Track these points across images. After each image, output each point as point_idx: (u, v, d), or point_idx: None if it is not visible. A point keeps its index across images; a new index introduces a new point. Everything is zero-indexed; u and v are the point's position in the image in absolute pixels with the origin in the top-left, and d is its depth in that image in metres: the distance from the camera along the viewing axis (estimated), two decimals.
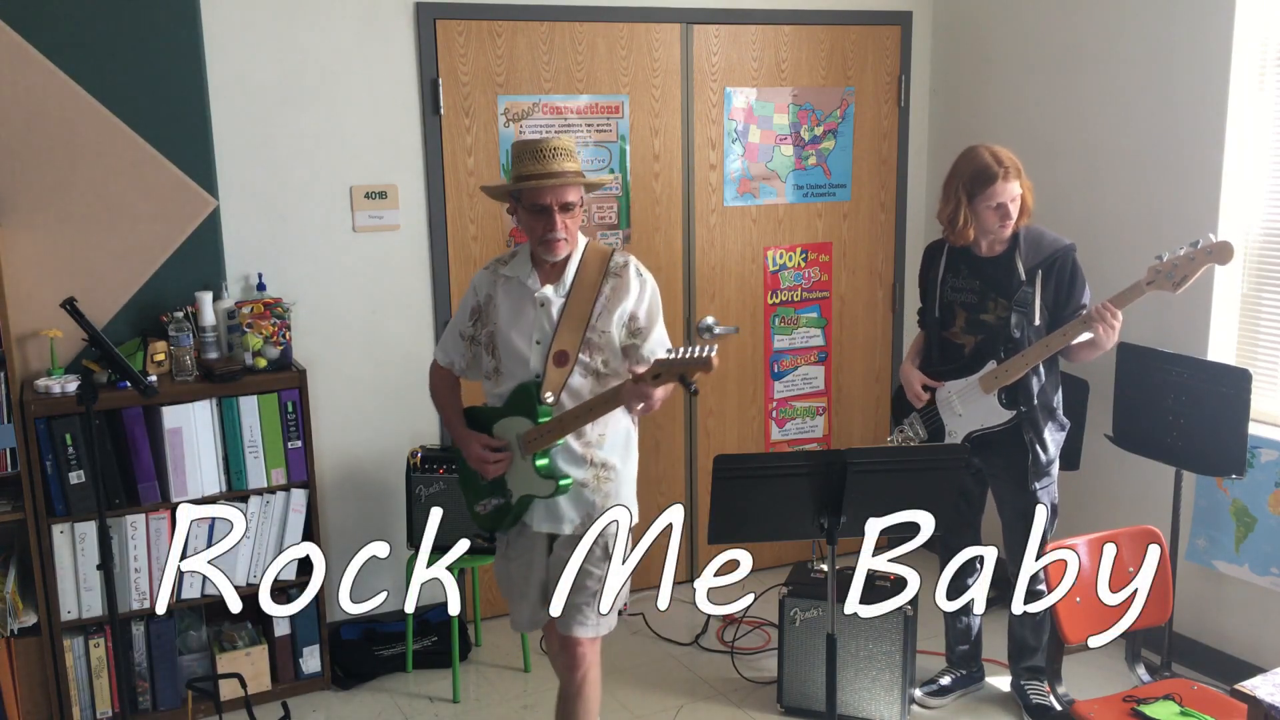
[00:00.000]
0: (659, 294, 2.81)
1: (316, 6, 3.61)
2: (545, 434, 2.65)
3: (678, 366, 2.40)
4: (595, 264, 2.75)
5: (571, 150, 2.68)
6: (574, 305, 2.70)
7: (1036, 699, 3.41)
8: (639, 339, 2.75)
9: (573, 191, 2.66)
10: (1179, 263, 2.91)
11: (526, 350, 2.71)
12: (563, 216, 2.65)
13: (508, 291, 2.78)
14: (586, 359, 2.70)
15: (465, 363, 2.87)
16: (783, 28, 4.26)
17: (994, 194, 3.10)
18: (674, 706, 3.58)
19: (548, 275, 2.75)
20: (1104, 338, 3.04)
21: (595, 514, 2.76)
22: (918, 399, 3.38)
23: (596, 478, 2.76)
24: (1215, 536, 3.57)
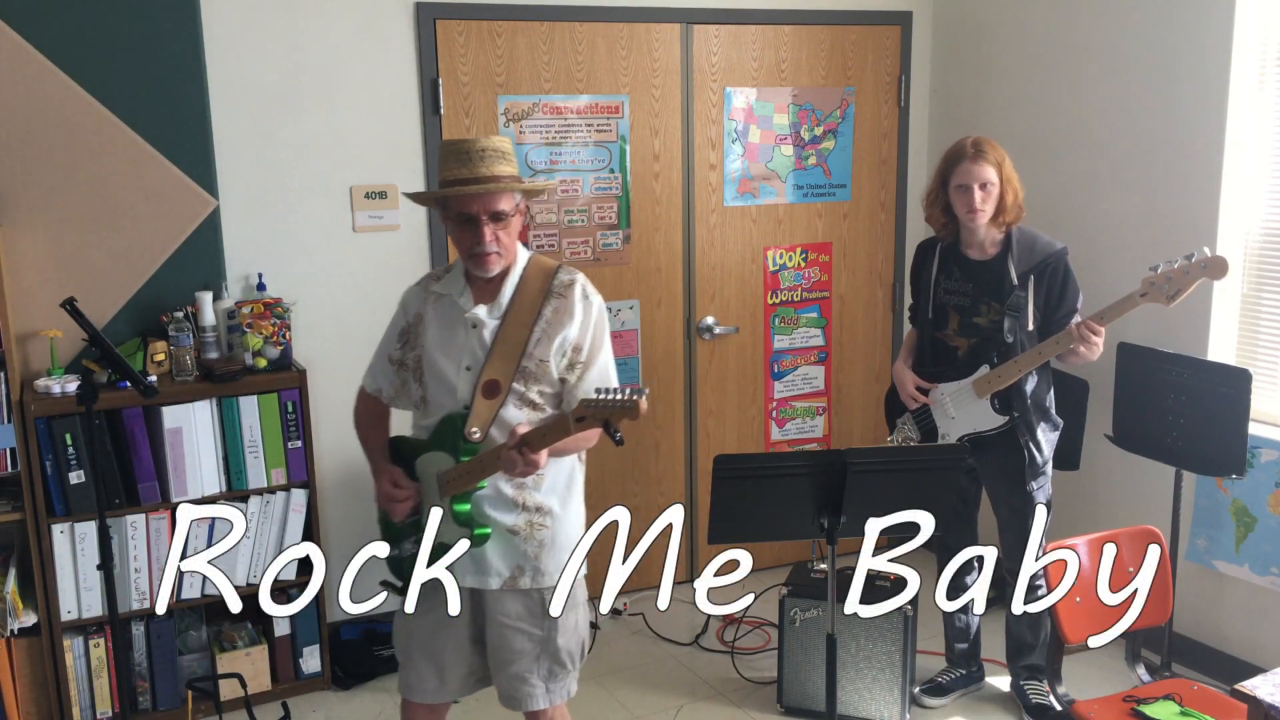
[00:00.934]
0: (607, 319, 2.51)
1: (316, 7, 3.62)
2: (465, 475, 2.33)
3: (603, 409, 2.08)
4: (537, 282, 2.43)
5: (505, 151, 2.38)
6: (510, 328, 2.39)
7: (1036, 699, 3.41)
8: (575, 373, 2.41)
9: (505, 199, 2.35)
10: (1173, 276, 2.90)
11: (455, 377, 2.40)
12: (494, 228, 2.34)
13: (439, 311, 2.47)
14: (521, 389, 2.37)
15: (393, 390, 2.57)
16: (783, 28, 4.26)
17: (960, 173, 3.13)
18: (674, 706, 3.58)
19: (482, 293, 2.44)
20: (1086, 353, 3.06)
21: (527, 566, 2.42)
22: (912, 401, 3.38)
23: (530, 524, 2.42)
24: (1215, 536, 3.57)
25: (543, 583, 2.44)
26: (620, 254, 4.16)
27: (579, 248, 4.09)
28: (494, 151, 2.34)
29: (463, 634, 2.48)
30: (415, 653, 2.52)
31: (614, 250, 4.15)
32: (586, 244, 4.10)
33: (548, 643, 2.46)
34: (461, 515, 2.36)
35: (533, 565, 2.42)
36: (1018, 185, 3.17)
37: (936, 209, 3.25)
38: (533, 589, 2.43)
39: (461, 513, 2.36)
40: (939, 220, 3.27)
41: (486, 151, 2.34)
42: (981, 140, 3.16)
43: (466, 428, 2.33)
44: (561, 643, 2.48)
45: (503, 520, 2.40)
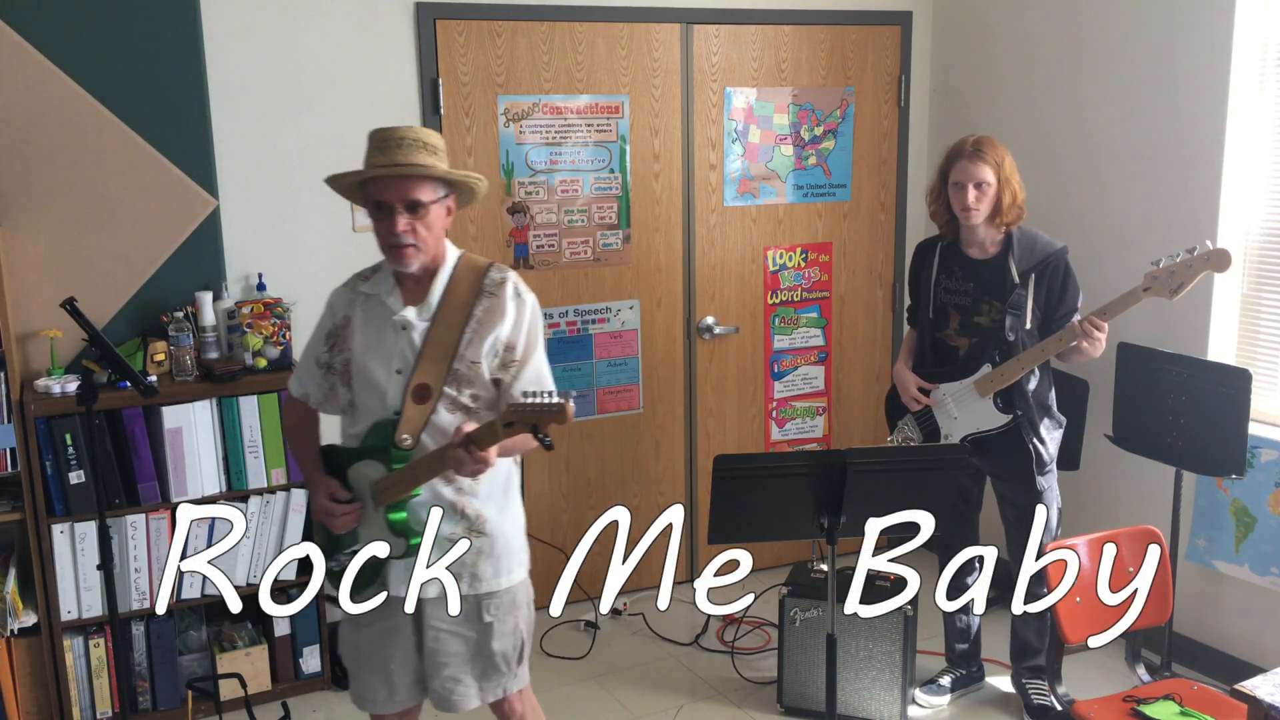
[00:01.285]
0: (541, 318, 2.44)
1: (316, 7, 3.62)
2: (399, 483, 2.28)
3: (530, 414, 2.03)
4: (468, 281, 2.37)
5: (431, 144, 2.30)
6: (440, 330, 2.32)
7: (1038, 699, 3.41)
8: (510, 373, 2.35)
9: (423, 188, 2.27)
10: (1176, 269, 2.90)
11: (384, 382, 2.33)
12: (410, 218, 2.27)
13: (367, 312, 2.40)
14: (453, 393, 2.31)
15: (321, 394, 2.48)
16: (783, 28, 4.26)
17: (957, 170, 3.14)
18: (674, 706, 3.58)
19: (411, 294, 2.37)
20: (1089, 349, 3.05)
21: (464, 573, 2.39)
22: (914, 403, 3.37)
23: (468, 530, 2.39)
24: (1215, 536, 3.57)
25: (479, 589, 2.41)
26: (620, 254, 4.16)
27: (579, 248, 4.09)
28: (416, 140, 2.27)
29: (408, 642, 2.44)
30: (363, 664, 2.49)
31: (614, 250, 4.15)
32: (586, 244, 4.10)
33: (482, 646, 2.43)
34: (397, 524, 2.31)
35: (470, 572, 2.39)
36: (1017, 187, 3.16)
37: (940, 205, 3.26)
38: (469, 594, 2.40)
39: (397, 522, 2.31)
40: (942, 217, 3.28)
41: (407, 140, 2.27)
42: (983, 139, 3.16)
43: (397, 434, 2.28)
44: (496, 646, 2.44)
45: (441, 528, 2.35)
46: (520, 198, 3.98)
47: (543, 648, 3.96)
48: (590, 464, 4.26)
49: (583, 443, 4.23)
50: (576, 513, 4.27)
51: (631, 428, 4.30)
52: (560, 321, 4.12)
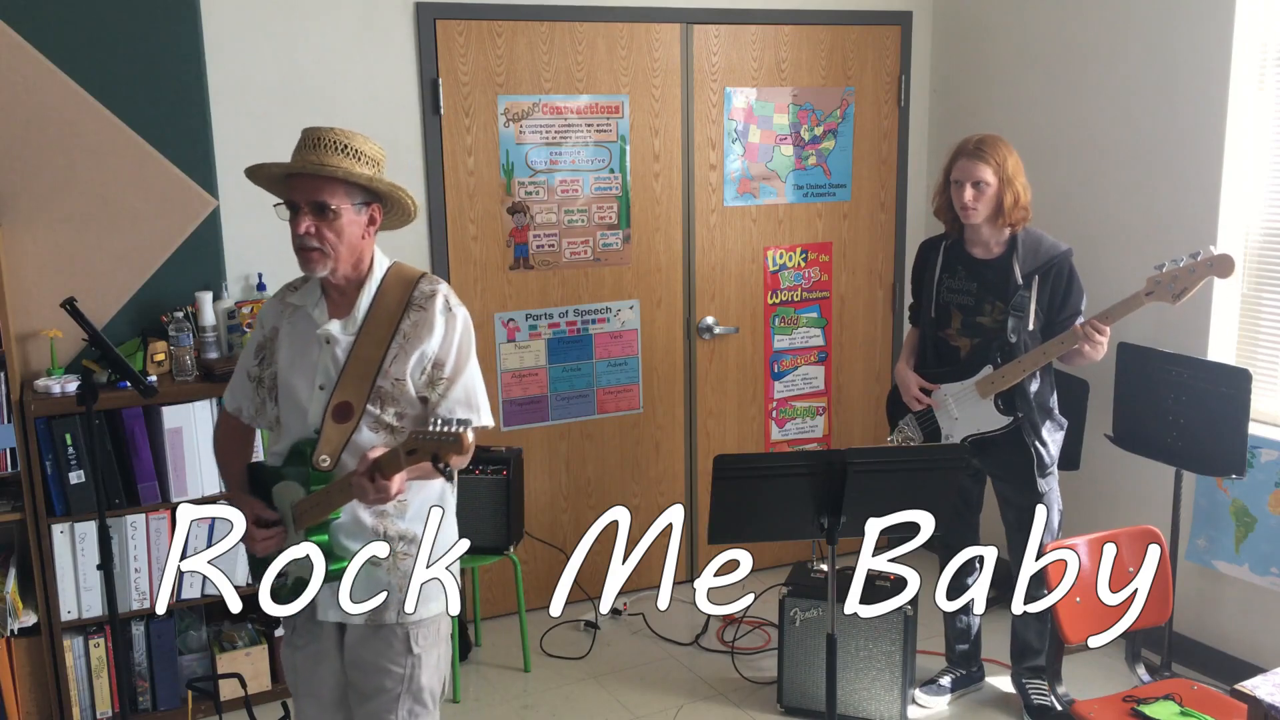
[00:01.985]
0: (472, 333, 2.29)
1: (316, 7, 3.62)
2: (317, 506, 2.17)
3: (429, 442, 1.93)
4: (396, 293, 2.25)
5: (355, 148, 2.18)
6: (365, 345, 2.21)
7: (1038, 699, 3.41)
8: (437, 391, 2.22)
9: (332, 191, 2.15)
10: (1178, 274, 2.90)
11: (306, 399, 2.23)
12: (316, 221, 2.16)
13: (293, 325, 2.30)
14: (376, 411, 2.20)
15: (254, 409, 2.37)
16: (783, 28, 4.26)
17: (957, 169, 3.15)
18: (674, 706, 3.58)
19: (338, 306, 2.26)
20: (1090, 353, 3.05)
21: (391, 599, 2.27)
22: (916, 403, 3.37)
23: (393, 555, 2.26)
24: (1215, 536, 3.57)
25: (407, 618, 2.28)
26: (620, 254, 4.16)
27: (579, 248, 4.09)
28: (337, 142, 2.17)
29: (337, 664, 2.35)
30: (300, 688, 2.42)
31: (614, 250, 4.15)
32: (586, 244, 4.10)
33: (411, 681, 2.30)
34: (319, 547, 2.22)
35: (397, 598, 2.27)
36: (1020, 188, 3.14)
37: (944, 203, 3.26)
38: (397, 624, 2.28)
39: (318, 544, 2.21)
40: (946, 215, 3.28)
41: (327, 140, 2.17)
42: (987, 139, 3.15)
43: (315, 455, 2.17)
44: (425, 680, 2.32)
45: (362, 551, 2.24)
46: (520, 198, 3.98)
47: (543, 648, 3.97)
48: (590, 464, 4.26)
49: (583, 443, 4.23)
50: (576, 513, 4.27)
51: (631, 428, 4.30)
52: (560, 321, 4.12)
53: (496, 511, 3.67)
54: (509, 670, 3.83)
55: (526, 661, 3.83)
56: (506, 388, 4.08)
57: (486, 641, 4.03)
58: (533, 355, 4.10)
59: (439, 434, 1.92)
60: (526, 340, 4.08)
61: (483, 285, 3.98)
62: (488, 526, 3.67)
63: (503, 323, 4.03)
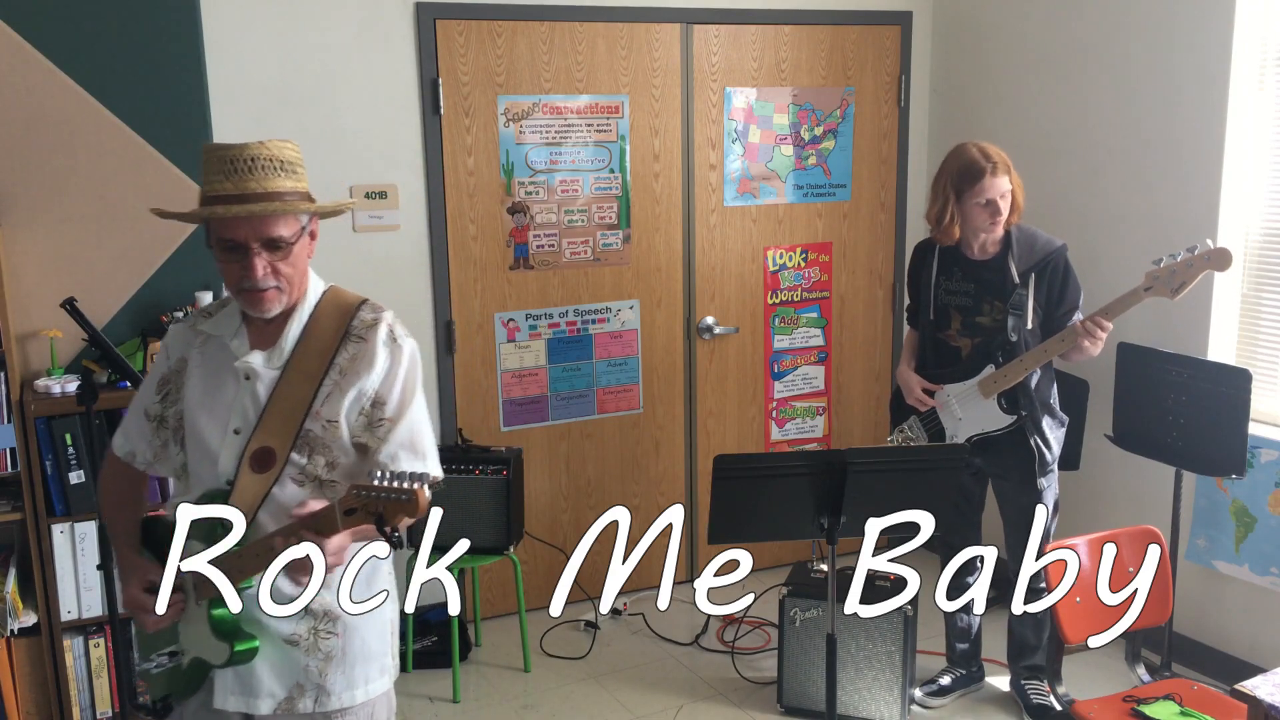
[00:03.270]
0: (420, 368, 2.00)
1: (316, 7, 3.62)
2: (225, 573, 1.86)
3: (375, 501, 1.64)
4: (331, 321, 1.94)
5: (287, 160, 1.87)
6: (292, 381, 1.89)
7: (1037, 699, 3.40)
8: (377, 435, 1.92)
9: (285, 223, 1.84)
10: (1177, 269, 2.90)
11: (217, 444, 1.91)
12: (269, 258, 1.84)
13: (205, 356, 1.97)
14: (302, 460, 1.89)
15: (152, 453, 2.03)
16: (783, 28, 4.26)
17: (982, 190, 3.08)
18: (674, 706, 3.58)
19: (261, 336, 1.94)
20: (1090, 348, 3.05)
21: (309, 685, 1.93)
22: (920, 404, 3.37)
23: (313, 632, 1.93)
24: (1215, 536, 3.57)
25: (328, 705, 1.95)
26: (620, 254, 4.16)
27: (579, 248, 4.09)
28: (269, 161, 1.84)
29: None
30: None
31: (614, 250, 4.15)
32: (586, 244, 4.10)
33: None
34: (222, 624, 1.88)
35: (315, 684, 1.94)
36: (1019, 184, 3.17)
37: (954, 225, 3.16)
38: (316, 712, 1.94)
39: (222, 620, 1.88)
40: (954, 237, 3.20)
41: (259, 161, 1.83)
42: (988, 150, 3.13)
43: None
44: None
45: (278, 628, 1.91)
46: (520, 198, 3.98)
47: (543, 648, 3.97)
48: (590, 464, 4.26)
49: (583, 443, 4.23)
50: (576, 513, 4.27)
51: (631, 428, 4.30)
52: (560, 321, 4.12)
53: (496, 511, 3.67)
54: (509, 670, 3.83)
55: (526, 661, 3.83)
56: (506, 388, 4.08)
57: (486, 641, 4.03)
58: (533, 355, 4.10)
59: (387, 490, 1.63)
60: (526, 340, 4.08)
61: (483, 285, 3.98)
62: (488, 526, 3.68)
63: (503, 323, 4.03)
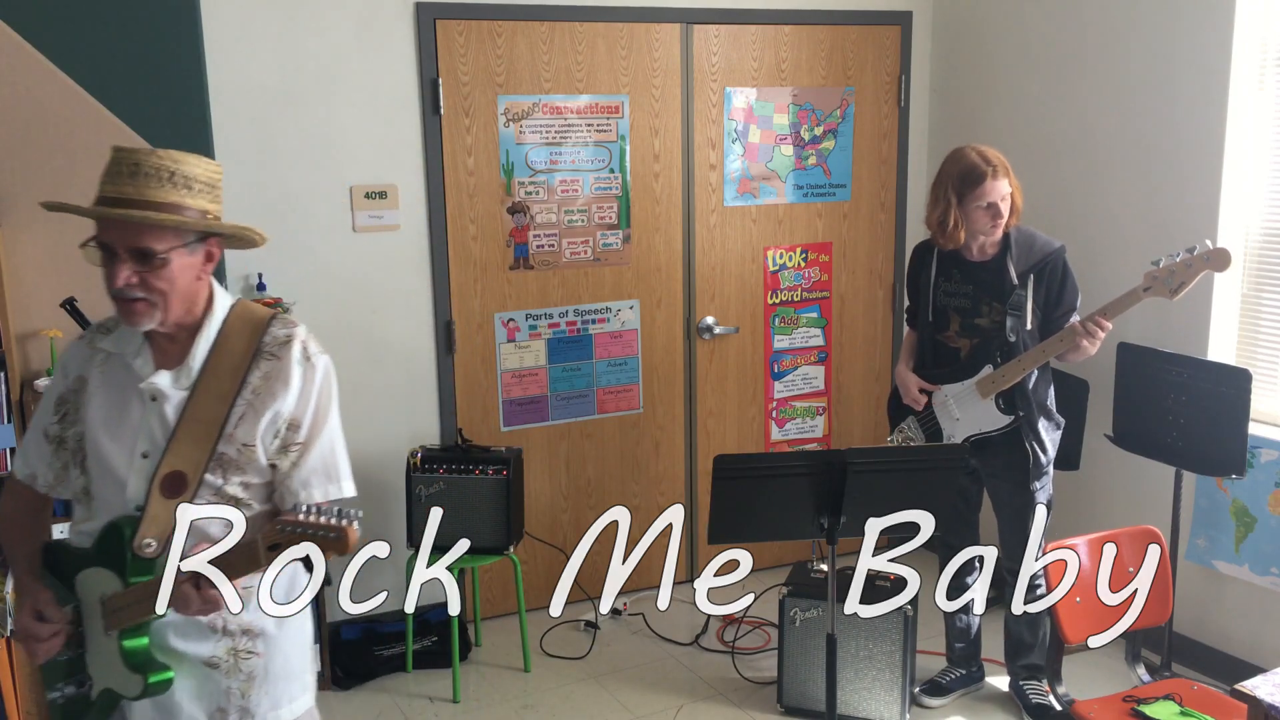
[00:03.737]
0: (335, 386, 1.94)
1: (316, 7, 3.61)
2: (136, 602, 1.74)
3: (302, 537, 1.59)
4: (242, 339, 1.87)
5: (184, 174, 1.78)
6: (202, 402, 1.82)
7: (1036, 699, 3.41)
8: (289, 458, 1.87)
9: (158, 235, 1.75)
10: (1176, 269, 2.90)
11: (124, 468, 1.82)
12: (135, 268, 1.76)
13: (107, 376, 1.88)
14: (218, 482, 1.83)
15: (53, 476, 1.93)
16: (783, 28, 4.26)
17: (983, 193, 3.09)
18: (674, 706, 3.58)
19: (166, 354, 1.86)
20: (1088, 347, 3.05)
21: (231, 707, 1.88)
22: (916, 403, 3.37)
23: (234, 653, 1.87)
24: (1215, 536, 3.57)
25: None
26: (620, 254, 4.16)
27: (579, 248, 4.09)
28: (156, 170, 1.75)
29: None
30: None
31: (614, 250, 4.15)
32: (586, 244, 4.10)
33: None
34: (134, 655, 1.78)
35: (238, 705, 1.88)
36: (1018, 187, 3.17)
37: (959, 230, 3.15)
38: None
39: (134, 651, 1.78)
40: (958, 240, 3.18)
41: (144, 168, 1.74)
42: (987, 153, 3.12)
43: (138, 538, 1.77)
44: None
45: (196, 651, 1.85)
46: (520, 198, 3.98)
47: (543, 648, 3.97)
48: (590, 464, 4.26)
49: (583, 443, 4.23)
50: (576, 513, 4.27)
51: (631, 428, 4.30)
52: (560, 321, 4.12)
53: (496, 511, 3.67)
54: (509, 670, 3.83)
55: (526, 661, 3.83)
56: (506, 388, 4.08)
57: (486, 641, 4.03)
58: (533, 355, 4.10)
59: (314, 527, 1.58)
60: (526, 340, 4.08)
61: (483, 285, 3.98)
62: (488, 526, 3.68)
63: (503, 323, 4.03)
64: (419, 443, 3.90)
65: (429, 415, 3.96)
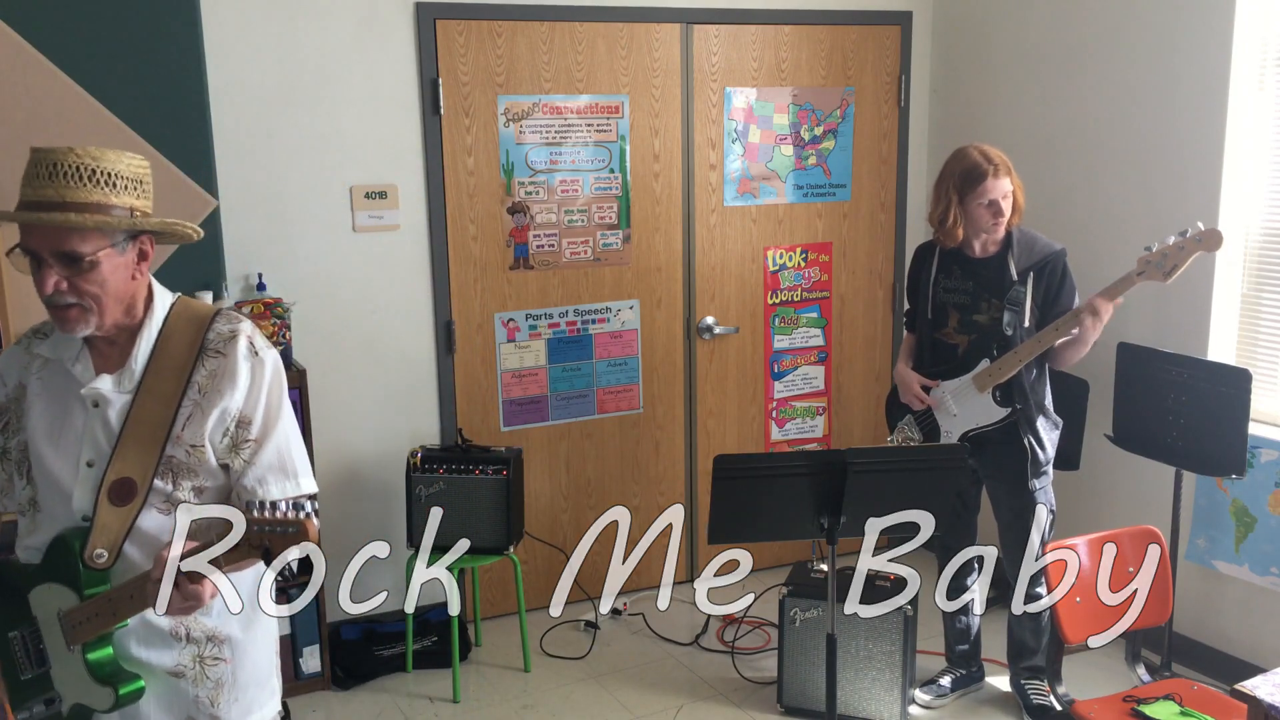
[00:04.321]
0: (284, 380, 1.89)
1: (316, 7, 3.62)
2: (97, 615, 1.70)
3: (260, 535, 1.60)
4: (185, 337, 1.82)
5: (106, 171, 1.71)
6: (147, 405, 1.76)
7: (1037, 699, 3.41)
8: (242, 456, 1.81)
9: (82, 238, 1.68)
10: (1169, 252, 2.93)
11: (69, 478, 1.76)
12: (64, 272, 1.69)
13: (46, 382, 1.81)
14: (167, 488, 1.76)
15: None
16: (783, 28, 4.26)
17: (985, 191, 3.11)
18: (674, 706, 3.58)
19: (106, 358, 1.80)
20: (1089, 332, 3.04)
21: (200, 716, 1.84)
22: (917, 401, 3.37)
23: (198, 660, 1.82)
24: (1215, 536, 3.57)
25: None
26: (620, 254, 4.16)
27: (579, 248, 4.09)
28: (76, 169, 1.67)
29: None
30: None
31: (614, 250, 4.15)
32: (586, 244, 4.10)
33: None
34: (101, 668, 1.75)
35: (208, 714, 1.84)
36: (1020, 185, 3.18)
37: (957, 227, 3.17)
38: None
39: (100, 663, 1.74)
40: (958, 237, 3.20)
41: (63, 168, 1.66)
42: (989, 152, 3.14)
43: (89, 549, 1.71)
44: None
45: (159, 661, 1.80)
46: (520, 198, 3.98)
47: (543, 648, 3.97)
48: (590, 464, 4.26)
49: (583, 443, 4.24)
50: (576, 513, 4.27)
51: (631, 428, 4.30)
52: (560, 321, 4.12)
53: (496, 511, 3.67)
54: (509, 670, 3.83)
55: (526, 661, 3.83)
56: (506, 388, 4.08)
57: (486, 641, 4.03)
58: (533, 355, 4.10)
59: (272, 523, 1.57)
60: (526, 340, 4.08)
61: (483, 285, 3.98)
62: (488, 526, 3.68)
63: (503, 323, 4.03)
64: (419, 443, 3.90)
65: (429, 415, 3.96)
